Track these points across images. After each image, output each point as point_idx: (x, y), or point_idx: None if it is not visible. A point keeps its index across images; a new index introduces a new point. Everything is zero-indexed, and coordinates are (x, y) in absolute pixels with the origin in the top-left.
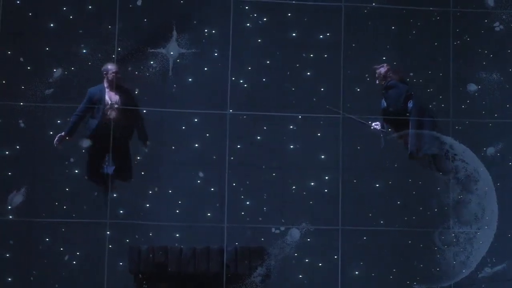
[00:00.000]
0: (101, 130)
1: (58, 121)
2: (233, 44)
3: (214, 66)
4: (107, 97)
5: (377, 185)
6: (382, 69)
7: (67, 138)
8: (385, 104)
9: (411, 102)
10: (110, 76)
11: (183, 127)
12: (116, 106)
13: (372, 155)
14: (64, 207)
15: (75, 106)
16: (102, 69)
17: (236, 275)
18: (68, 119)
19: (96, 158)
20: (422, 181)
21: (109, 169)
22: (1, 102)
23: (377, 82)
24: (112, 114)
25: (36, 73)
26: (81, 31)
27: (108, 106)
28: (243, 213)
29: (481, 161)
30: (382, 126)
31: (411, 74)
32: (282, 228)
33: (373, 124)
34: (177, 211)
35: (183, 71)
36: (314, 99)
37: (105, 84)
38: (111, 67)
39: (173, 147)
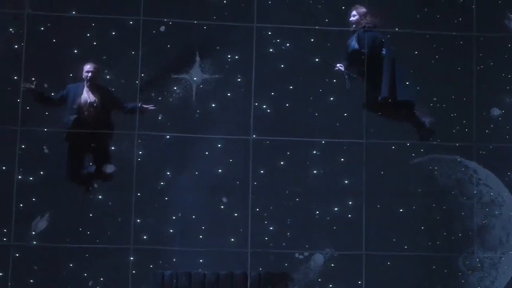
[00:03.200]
0: (79, 129)
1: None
2: (256, 70)
3: (237, 91)
4: (85, 95)
5: (400, 210)
6: (362, 10)
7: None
8: (356, 46)
9: (385, 49)
10: (86, 74)
11: (206, 153)
12: (94, 104)
13: (396, 180)
14: (88, 232)
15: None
16: (83, 67)
17: None
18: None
19: (75, 158)
20: (446, 205)
21: (91, 168)
22: (25, 128)
23: (352, 22)
24: (90, 113)
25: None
26: (104, 57)
27: (86, 105)
28: (266, 238)
29: (505, 186)
30: (346, 68)
31: (434, 99)
32: (306, 254)
33: (337, 65)
34: (201, 236)
35: (206, 97)
36: (337, 124)
37: (85, 83)
38: (89, 66)
39: (196, 173)
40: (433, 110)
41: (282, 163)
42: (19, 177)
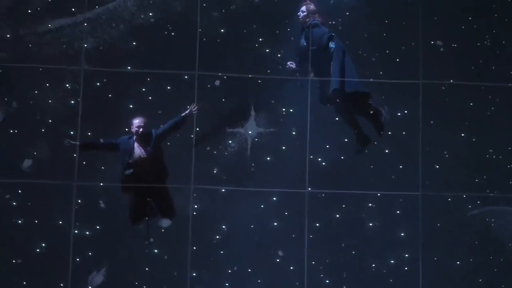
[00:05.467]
0: (135, 180)
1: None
2: (310, 123)
3: (292, 144)
4: (137, 150)
5: (457, 263)
6: (312, 7)
7: (79, 149)
8: (304, 43)
9: (333, 43)
10: (136, 129)
11: (262, 206)
12: (146, 158)
13: (453, 232)
14: (144, 286)
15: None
16: (131, 122)
17: None
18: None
19: (137, 206)
20: (504, 258)
21: (164, 222)
22: (81, 183)
23: (300, 18)
24: (141, 165)
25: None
26: (160, 112)
27: (139, 159)
28: None
29: None
30: (297, 66)
31: (490, 150)
32: None
33: (288, 63)
34: None
35: (261, 150)
36: (393, 177)
37: (134, 137)
38: (138, 120)
39: (252, 226)
40: (490, 161)
41: (337, 215)
42: (76, 231)
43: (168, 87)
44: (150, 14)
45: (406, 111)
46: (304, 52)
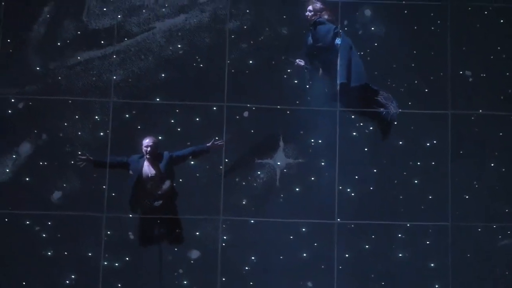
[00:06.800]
0: (144, 201)
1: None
2: (339, 153)
3: (321, 175)
4: (145, 169)
5: None
6: (318, 5)
7: (93, 165)
8: (311, 41)
9: (339, 39)
10: (145, 149)
11: (291, 237)
12: (155, 178)
13: (483, 263)
14: None
15: (184, 217)
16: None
17: None
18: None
19: (146, 227)
20: None
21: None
22: (111, 215)
23: (308, 15)
24: (151, 185)
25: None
26: (188, 143)
27: (144, 177)
28: None
29: None
30: (307, 63)
31: None
32: None
33: (297, 60)
34: None
35: (290, 181)
36: (422, 207)
37: (144, 157)
38: (147, 140)
39: (281, 257)
40: None
41: (367, 246)
42: (105, 263)
43: (197, 119)
44: (179, 46)
45: (435, 141)
46: (310, 49)
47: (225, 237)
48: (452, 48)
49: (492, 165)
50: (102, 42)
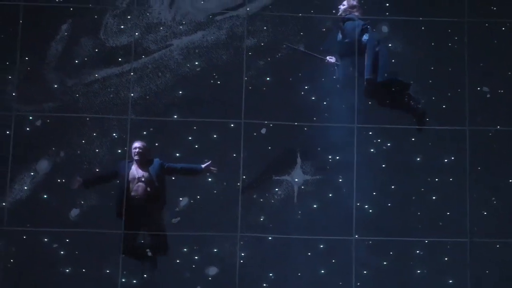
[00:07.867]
0: (130, 205)
1: (184, 249)
2: (357, 170)
3: (339, 192)
4: (133, 171)
5: None
6: (353, 2)
7: (82, 184)
8: (340, 37)
9: (366, 35)
10: (134, 151)
11: (309, 254)
12: (142, 179)
13: (502, 280)
14: None
15: (202, 234)
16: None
17: None
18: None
19: (130, 234)
20: None
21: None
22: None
23: (340, 9)
24: (139, 188)
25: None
26: (206, 160)
27: (135, 180)
28: None
29: None
30: (337, 60)
31: None
32: None
33: (327, 57)
34: None
35: (307, 198)
36: (440, 224)
37: (134, 161)
38: (137, 143)
39: (299, 274)
40: None
41: (385, 263)
42: (123, 280)
43: (215, 136)
44: (196, 63)
45: (453, 158)
46: (340, 45)
47: (243, 254)
48: (469, 64)
49: (510, 181)
50: (120, 59)
